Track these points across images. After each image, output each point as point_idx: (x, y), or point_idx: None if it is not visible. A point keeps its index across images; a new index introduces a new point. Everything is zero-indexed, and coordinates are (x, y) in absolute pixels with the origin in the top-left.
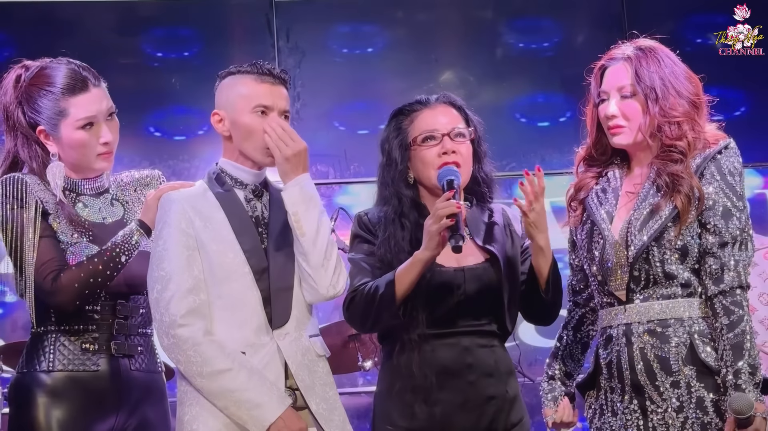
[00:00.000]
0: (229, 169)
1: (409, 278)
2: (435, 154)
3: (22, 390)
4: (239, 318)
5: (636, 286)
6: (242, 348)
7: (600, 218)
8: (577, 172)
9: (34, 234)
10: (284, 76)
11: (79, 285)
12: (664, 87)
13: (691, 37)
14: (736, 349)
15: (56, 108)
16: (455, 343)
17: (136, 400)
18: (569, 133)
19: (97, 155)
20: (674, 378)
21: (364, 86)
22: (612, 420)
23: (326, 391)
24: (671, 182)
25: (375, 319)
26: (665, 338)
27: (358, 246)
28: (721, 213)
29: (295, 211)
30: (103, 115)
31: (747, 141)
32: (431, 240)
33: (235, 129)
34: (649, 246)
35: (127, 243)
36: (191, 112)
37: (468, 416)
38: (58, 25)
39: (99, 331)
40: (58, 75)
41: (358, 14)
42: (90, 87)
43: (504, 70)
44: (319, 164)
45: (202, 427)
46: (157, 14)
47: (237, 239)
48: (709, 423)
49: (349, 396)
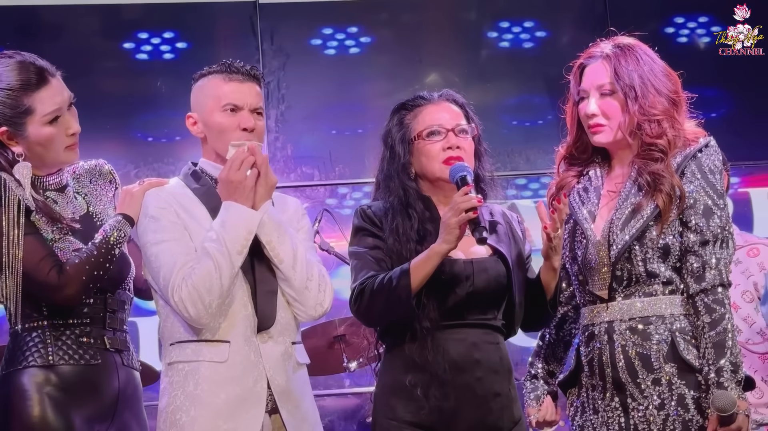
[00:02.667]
0: (209, 168)
1: (424, 270)
2: (439, 148)
3: (19, 387)
4: (226, 310)
5: (618, 285)
6: (227, 338)
7: (582, 217)
8: (558, 170)
9: (18, 231)
10: (254, 72)
11: (86, 278)
12: (643, 85)
13: (673, 37)
14: (718, 347)
15: (19, 107)
16: (463, 338)
17: (129, 396)
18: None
19: (65, 148)
20: (655, 376)
21: (349, 88)
22: (593, 417)
23: (300, 400)
24: (652, 181)
25: (387, 311)
26: (647, 335)
27: (362, 240)
28: (702, 211)
29: (268, 240)
30: (66, 105)
31: (728, 139)
32: (450, 233)
33: (207, 129)
34: (631, 245)
35: (117, 235)
36: (176, 115)
37: (474, 412)
38: (43, 29)
39: (92, 325)
40: (12, 72)
41: (342, 16)
42: (49, 78)
43: (489, 70)
44: (305, 166)
45: (184, 417)
46: (141, 17)
47: None
48: (690, 421)
49: (336, 397)
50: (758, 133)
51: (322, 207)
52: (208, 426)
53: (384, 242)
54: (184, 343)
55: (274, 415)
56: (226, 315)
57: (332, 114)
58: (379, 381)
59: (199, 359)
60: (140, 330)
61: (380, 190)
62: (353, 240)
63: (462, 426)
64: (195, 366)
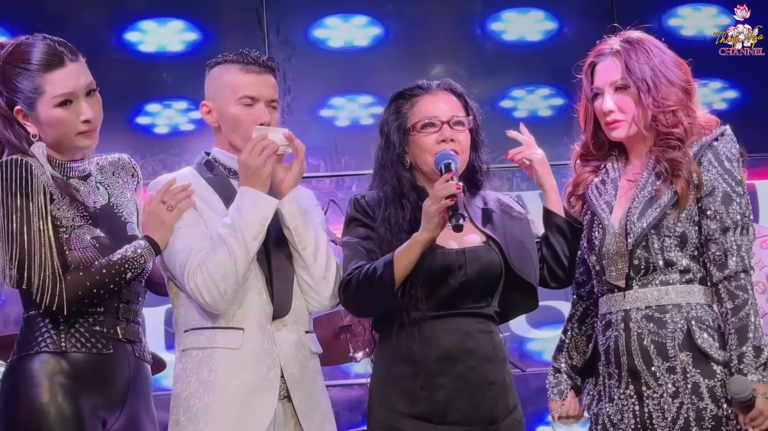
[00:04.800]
0: (222, 158)
1: (407, 259)
2: (433, 140)
3: (30, 373)
4: (241, 298)
5: (635, 274)
6: (242, 326)
7: (600, 208)
8: (575, 168)
9: (44, 224)
10: (271, 64)
11: (83, 293)
12: (655, 77)
13: (679, 28)
14: (740, 333)
15: (32, 86)
16: (456, 328)
17: (140, 388)
18: (560, 124)
19: (77, 133)
20: (670, 364)
21: (355, 80)
22: (608, 406)
23: (313, 389)
24: (670, 168)
25: (373, 302)
26: (662, 323)
27: (354, 230)
28: (721, 198)
29: (295, 226)
30: (81, 91)
31: (734, 130)
32: (430, 221)
33: (222, 119)
34: (648, 233)
35: (136, 261)
36: (182, 106)
37: (469, 401)
38: (48, 20)
39: (106, 314)
40: (34, 51)
41: (348, 8)
42: (66, 62)
43: (494, 62)
44: (311, 157)
45: (197, 403)
46: (147, 8)
47: None
48: (705, 409)
49: (342, 388)
50: (766, 124)
51: (328, 198)
52: (221, 413)
53: (375, 232)
54: (198, 330)
55: (287, 403)
56: (241, 302)
57: (338, 105)
58: (374, 372)
59: (213, 346)
60: (146, 320)
61: (375, 178)
62: (345, 231)
63: (456, 416)
64: (209, 352)
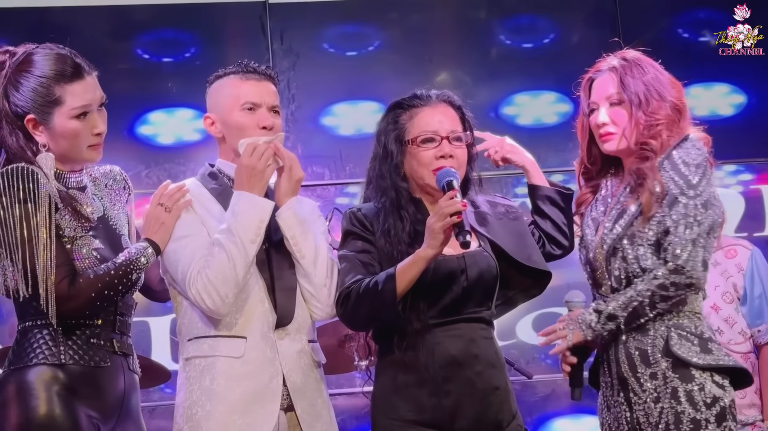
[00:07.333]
0: (226, 169)
1: (410, 275)
2: (432, 156)
3: (26, 384)
4: (242, 305)
5: (618, 284)
6: (244, 334)
7: (586, 225)
8: (579, 185)
9: (47, 233)
10: (269, 72)
11: (96, 295)
12: (647, 91)
13: (684, 35)
14: (623, 299)
15: (49, 95)
16: (461, 334)
17: (133, 401)
18: (565, 131)
19: (88, 146)
20: (653, 370)
21: (359, 87)
22: (607, 414)
23: (315, 398)
24: (636, 178)
25: (372, 315)
26: (645, 331)
27: (351, 243)
28: (668, 201)
29: (292, 235)
30: (96, 104)
31: (740, 135)
32: (435, 238)
33: (226, 129)
34: (621, 243)
35: (139, 261)
36: (186, 116)
37: (476, 406)
38: (53, 30)
39: (102, 327)
40: (49, 61)
41: (351, 16)
42: (84, 74)
43: (499, 69)
44: (315, 165)
45: (200, 411)
46: (151, 18)
47: None
48: (683, 412)
49: (348, 396)
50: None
51: (333, 206)
52: (223, 421)
53: (374, 245)
54: (201, 339)
55: (289, 413)
56: (242, 311)
57: (342, 113)
58: (376, 381)
59: (216, 354)
60: (152, 330)
61: (371, 188)
62: (342, 244)
63: (464, 422)
64: (211, 361)
